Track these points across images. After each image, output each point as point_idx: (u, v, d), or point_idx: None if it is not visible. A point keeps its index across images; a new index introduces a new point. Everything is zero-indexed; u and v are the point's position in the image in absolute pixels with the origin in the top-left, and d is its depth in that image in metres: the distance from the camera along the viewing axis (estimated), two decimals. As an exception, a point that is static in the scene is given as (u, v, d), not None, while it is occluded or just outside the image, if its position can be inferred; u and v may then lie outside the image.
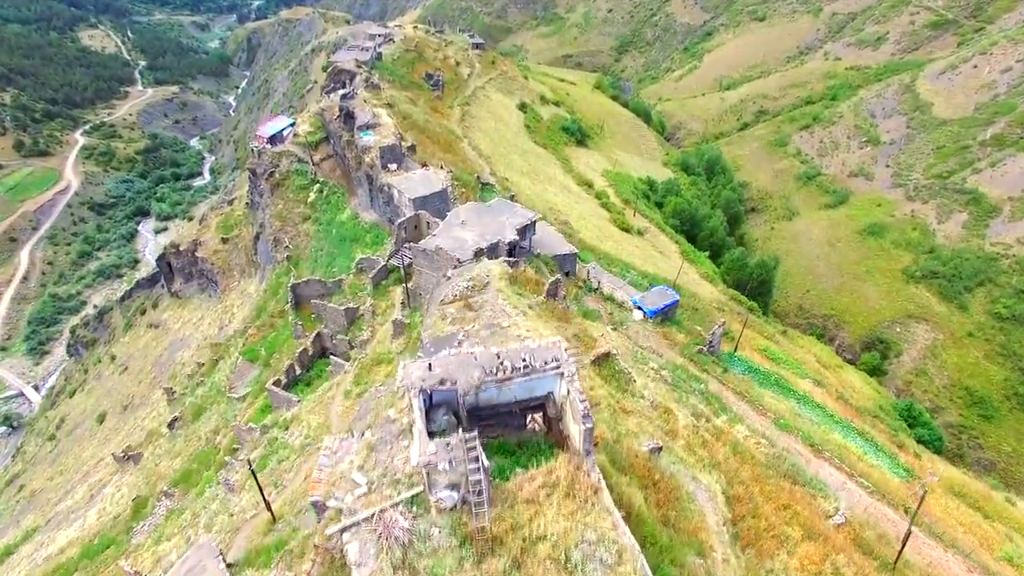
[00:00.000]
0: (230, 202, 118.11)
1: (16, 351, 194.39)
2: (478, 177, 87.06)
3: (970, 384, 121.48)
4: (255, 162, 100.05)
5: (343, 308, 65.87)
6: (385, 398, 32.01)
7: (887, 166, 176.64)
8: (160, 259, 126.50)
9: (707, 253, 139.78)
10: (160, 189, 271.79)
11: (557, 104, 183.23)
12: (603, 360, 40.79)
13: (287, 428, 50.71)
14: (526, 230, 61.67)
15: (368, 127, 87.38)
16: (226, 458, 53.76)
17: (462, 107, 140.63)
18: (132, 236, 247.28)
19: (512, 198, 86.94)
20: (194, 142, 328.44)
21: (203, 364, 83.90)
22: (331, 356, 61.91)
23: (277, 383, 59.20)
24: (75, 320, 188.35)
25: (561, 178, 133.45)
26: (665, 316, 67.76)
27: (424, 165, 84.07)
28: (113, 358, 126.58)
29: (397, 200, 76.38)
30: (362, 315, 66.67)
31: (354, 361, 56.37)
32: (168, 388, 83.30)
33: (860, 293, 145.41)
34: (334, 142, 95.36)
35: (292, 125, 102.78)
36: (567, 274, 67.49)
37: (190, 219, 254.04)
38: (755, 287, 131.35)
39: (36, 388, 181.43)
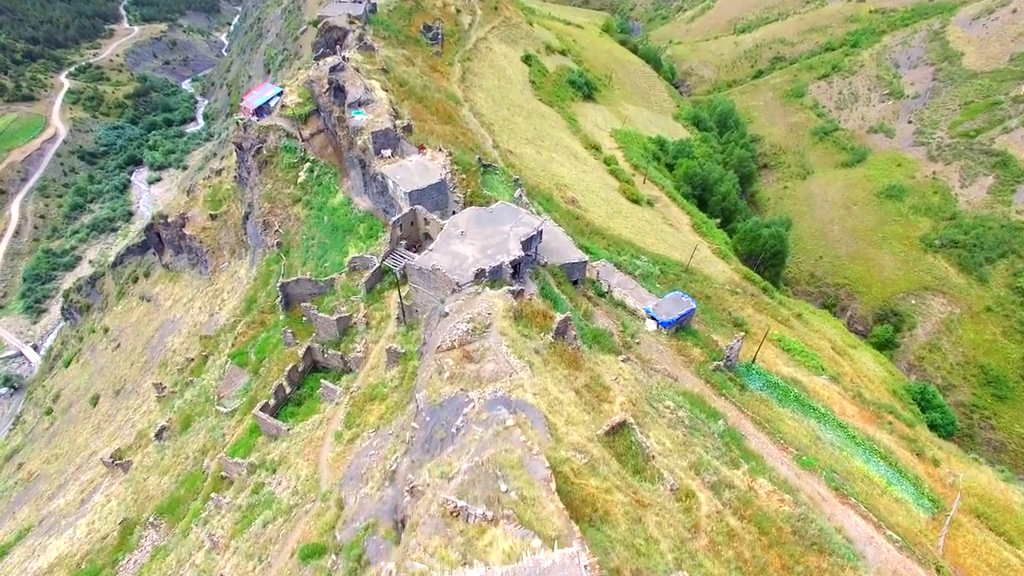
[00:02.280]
0: (218, 172, 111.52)
1: (13, 309, 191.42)
2: (480, 159, 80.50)
3: (985, 362, 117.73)
4: (241, 136, 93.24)
5: (335, 319, 61.24)
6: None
7: (909, 122, 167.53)
8: (149, 229, 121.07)
9: (718, 220, 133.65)
10: (152, 136, 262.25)
11: (564, 53, 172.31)
12: (618, 430, 36.45)
13: (274, 471, 47.09)
14: (532, 241, 56.24)
15: (360, 104, 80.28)
16: (212, 494, 50.46)
17: (463, 63, 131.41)
18: (125, 187, 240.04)
19: (517, 182, 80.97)
20: (186, 84, 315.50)
21: (192, 360, 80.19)
22: (322, 378, 57.63)
23: (265, 407, 55.33)
24: (70, 281, 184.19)
25: (568, 142, 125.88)
26: (680, 326, 63.11)
27: (421, 148, 77.51)
28: (106, 330, 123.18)
29: (392, 192, 70.49)
30: (355, 324, 62.14)
31: (345, 393, 52.19)
32: (158, 384, 79.87)
33: (875, 262, 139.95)
34: (325, 117, 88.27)
35: (280, 94, 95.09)
36: (575, 282, 62.45)
37: (184, 168, 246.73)
38: (768, 258, 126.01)
39: (35, 348, 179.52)
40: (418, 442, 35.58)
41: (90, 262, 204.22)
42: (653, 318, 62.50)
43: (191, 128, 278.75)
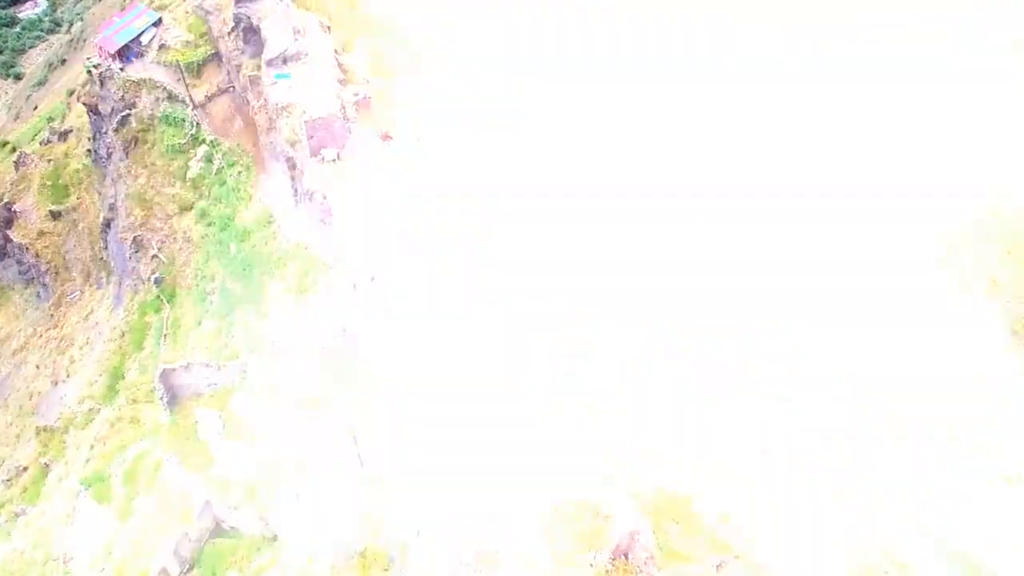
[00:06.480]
0: (63, 136, 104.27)
1: None
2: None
3: None
4: (96, 94, 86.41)
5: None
6: None
7: None
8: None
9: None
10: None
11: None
12: None
13: None
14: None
15: (286, 61, 73.20)
16: None
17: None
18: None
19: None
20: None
21: (25, 470, 75.51)
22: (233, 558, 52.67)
23: (138, 612, 50.50)
24: None
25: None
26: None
27: (387, 138, 71.34)
28: None
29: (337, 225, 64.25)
30: (282, 458, 57.03)
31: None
32: (-28, 507, 75.39)
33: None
34: (229, 71, 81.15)
35: (157, 24, 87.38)
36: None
37: (18, 78, 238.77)
38: None
39: None
40: None
41: None
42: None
43: (26, 12, 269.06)
